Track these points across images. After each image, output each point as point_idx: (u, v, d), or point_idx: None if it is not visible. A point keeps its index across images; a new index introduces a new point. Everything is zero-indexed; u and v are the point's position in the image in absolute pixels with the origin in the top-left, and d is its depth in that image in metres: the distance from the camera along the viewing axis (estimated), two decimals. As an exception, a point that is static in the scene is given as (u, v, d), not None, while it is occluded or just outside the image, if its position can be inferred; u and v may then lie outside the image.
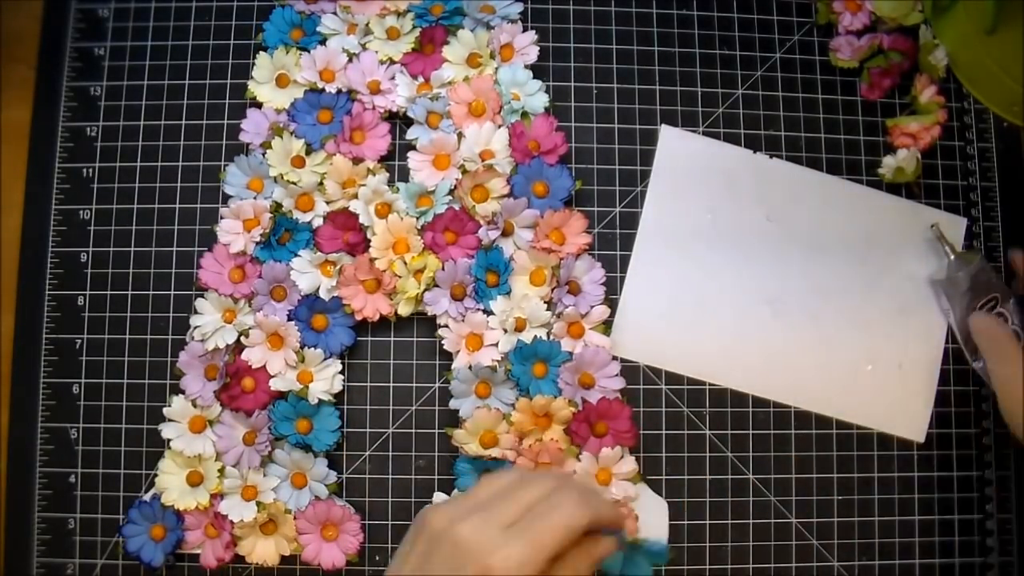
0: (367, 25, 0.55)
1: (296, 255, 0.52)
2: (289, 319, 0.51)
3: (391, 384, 0.53)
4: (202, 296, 0.52)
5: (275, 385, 0.51)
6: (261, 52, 0.54)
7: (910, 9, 0.55)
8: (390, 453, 0.53)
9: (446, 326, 0.52)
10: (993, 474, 0.54)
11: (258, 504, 0.50)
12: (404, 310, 0.52)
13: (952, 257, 0.53)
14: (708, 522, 0.53)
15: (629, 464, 0.51)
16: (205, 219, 0.54)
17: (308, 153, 0.53)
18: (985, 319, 0.51)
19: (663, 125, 0.56)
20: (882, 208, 0.56)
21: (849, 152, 0.56)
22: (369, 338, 0.54)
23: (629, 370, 0.53)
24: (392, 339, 0.54)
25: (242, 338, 0.51)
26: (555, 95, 0.55)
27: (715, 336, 0.54)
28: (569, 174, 0.53)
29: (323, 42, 0.54)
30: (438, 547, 0.37)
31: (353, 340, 0.52)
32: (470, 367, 0.51)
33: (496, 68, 0.54)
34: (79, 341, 0.53)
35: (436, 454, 0.53)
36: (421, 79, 0.54)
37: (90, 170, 0.55)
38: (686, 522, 0.53)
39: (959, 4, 0.54)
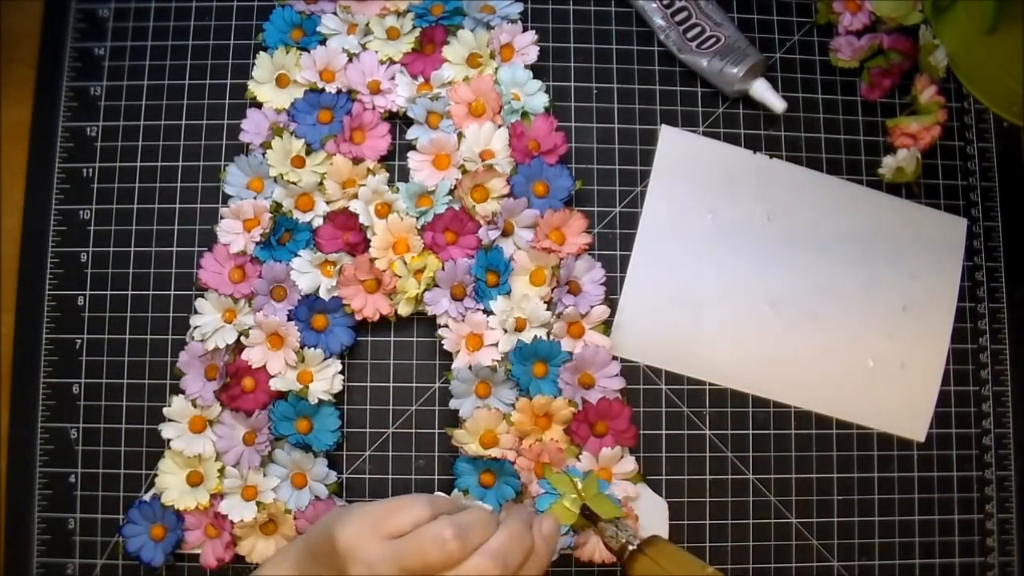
0: (367, 25, 0.55)
1: (296, 255, 0.52)
2: (289, 319, 0.51)
3: (391, 384, 0.53)
4: (202, 296, 0.52)
5: (275, 385, 0.51)
6: (261, 52, 0.54)
7: (910, 9, 0.55)
8: (390, 453, 0.53)
9: (446, 326, 0.52)
10: (993, 474, 0.54)
11: (258, 504, 0.50)
12: (404, 310, 0.52)
13: None
14: (708, 522, 0.53)
15: (629, 464, 0.51)
16: (205, 219, 0.54)
17: (308, 153, 0.53)
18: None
19: (663, 125, 0.56)
20: (882, 208, 0.56)
21: (849, 152, 0.56)
22: (369, 338, 0.54)
23: (629, 370, 0.53)
24: (392, 339, 0.54)
25: (242, 338, 0.51)
26: (555, 95, 0.55)
27: (715, 336, 0.54)
28: (569, 174, 0.53)
29: (323, 42, 0.54)
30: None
31: (353, 340, 0.52)
32: (470, 367, 0.51)
33: (496, 68, 0.54)
34: (79, 341, 0.53)
35: (436, 454, 0.53)
36: (421, 79, 0.54)
37: (90, 170, 0.55)
38: (686, 522, 0.53)
39: (959, 4, 0.54)
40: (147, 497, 0.51)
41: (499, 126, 0.53)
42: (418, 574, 0.37)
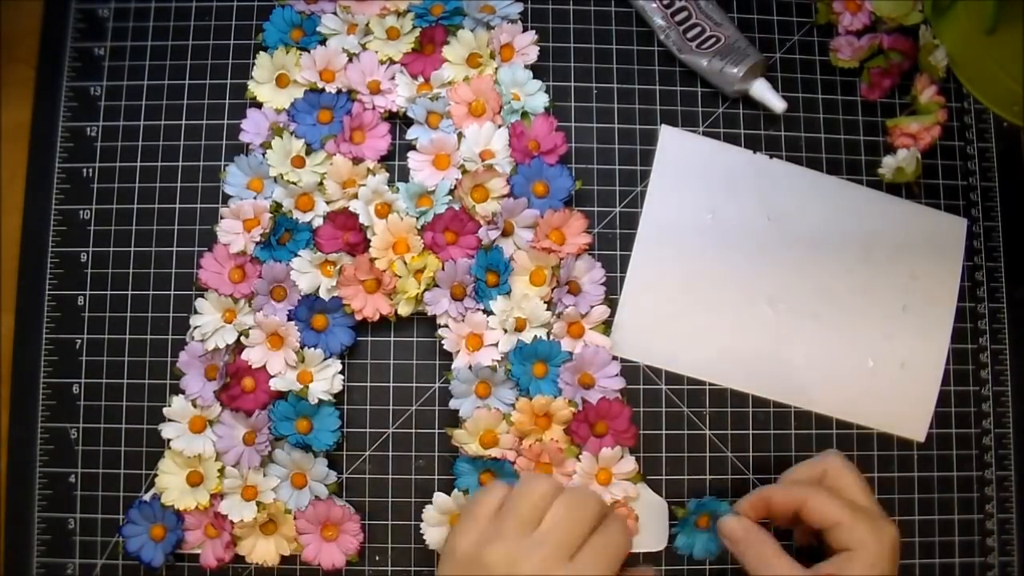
0: (367, 25, 0.55)
1: (296, 255, 0.52)
2: (289, 319, 0.51)
3: (391, 384, 0.53)
4: (202, 296, 0.52)
5: (275, 385, 0.51)
6: (261, 52, 0.54)
7: (910, 9, 0.55)
8: (390, 453, 0.53)
9: (446, 326, 0.52)
10: (993, 474, 0.54)
11: (258, 504, 0.50)
12: (404, 310, 0.52)
13: None
14: (708, 522, 0.53)
15: (629, 464, 0.51)
16: (205, 219, 0.54)
17: (308, 153, 0.53)
18: (737, 523, 0.47)
19: (663, 125, 0.56)
20: (882, 208, 0.56)
21: (849, 152, 0.56)
22: (369, 338, 0.54)
23: (629, 370, 0.53)
24: (392, 339, 0.54)
25: (242, 338, 0.51)
26: (555, 95, 0.55)
27: (715, 336, 0.54)
28: (569, 174, 0.53)
29: (323, 42, 0.54)
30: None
31: (353, 340, 0.52)
32: (470, 367, 0.51)
33: (496, 68, 0.54)
34: (79, 341, 0.54)
35: (436, 454, 0.53)
36: (421, 79, 0.54)
37: (90, 170, 0.55)
38: (686, 522, 0.53)
39: (959, 4, 0.54)
40: (147, 497, 0.51)
41: (499, 126, 0.53)
42: None
